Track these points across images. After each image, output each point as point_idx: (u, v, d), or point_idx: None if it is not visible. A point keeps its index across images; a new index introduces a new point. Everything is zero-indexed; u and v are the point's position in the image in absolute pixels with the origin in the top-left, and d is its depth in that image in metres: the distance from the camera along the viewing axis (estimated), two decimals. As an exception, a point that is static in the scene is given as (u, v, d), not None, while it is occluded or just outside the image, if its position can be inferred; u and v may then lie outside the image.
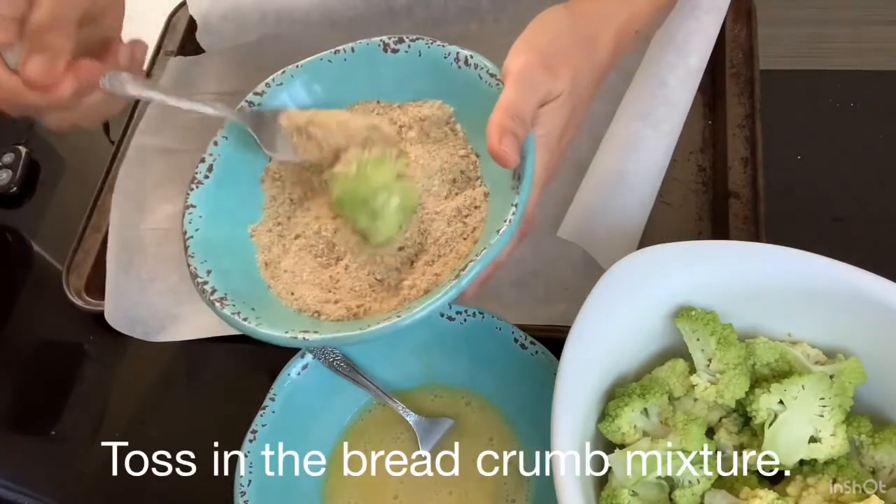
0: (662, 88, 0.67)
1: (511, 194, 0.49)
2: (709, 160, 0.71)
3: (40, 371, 0.72)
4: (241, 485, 0.54)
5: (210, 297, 0.50)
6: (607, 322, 0.49)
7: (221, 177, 0.55)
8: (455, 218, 0.52)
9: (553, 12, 0.52)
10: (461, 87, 0.55)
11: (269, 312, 0.50)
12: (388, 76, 0.57)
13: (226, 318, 0.49)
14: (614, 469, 0.48)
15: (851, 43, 0.96)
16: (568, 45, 0.51)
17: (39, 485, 0.66)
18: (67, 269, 0.71)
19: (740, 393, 0.49)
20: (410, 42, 0.56)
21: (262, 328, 0.48)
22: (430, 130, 0.56)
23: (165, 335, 0.67)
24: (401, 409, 0.59)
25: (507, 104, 0.47)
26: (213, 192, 0.55)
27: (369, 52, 0.57)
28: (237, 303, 0.49)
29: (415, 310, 0.45)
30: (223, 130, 0.56)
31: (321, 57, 0.58)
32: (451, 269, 0.49)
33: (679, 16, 0.70)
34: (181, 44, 0.85)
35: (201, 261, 0.52)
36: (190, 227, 0.53)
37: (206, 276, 0.51)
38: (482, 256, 0.46)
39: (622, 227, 0.64)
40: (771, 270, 0.50)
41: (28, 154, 0.82)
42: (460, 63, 0.54)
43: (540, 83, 0.49)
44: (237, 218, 0.56)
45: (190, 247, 0.52)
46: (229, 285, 0.51)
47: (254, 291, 0.52)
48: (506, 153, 0.46)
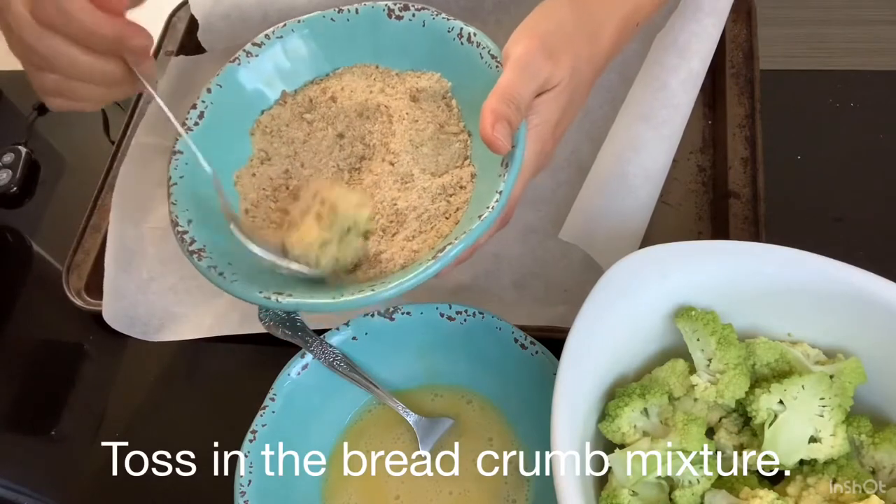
0: (664, 91, 0.67)
1: (494, 179, 0.48)
2: (709, 160, 0.71)
3: (40, 371, 0.72)
4: (241, 485, 0.54)
5: (189, 247, 0.49)
6: (607, 322, 0.49)
7: (211, 124, 0.55)
8: (440, 195, 0.52)
9: (556, 1, 0.52)
10: (460, 64, 0.54)
11: (245, 266, 0.49)
12: (388, 42, 0.57)
13: (202, 271, 0.48)
14: (614, 469, 0.48)
15: (851, 43, 0.96)
16: (570, 34, 0.50)
17: (39, 485, 0.66)
18: (67, 269, 0.71)
19: (740, 393, 0.49)
20: (415, 11, 0.56)
21: (236, 285, 0.47)
22: (424, 102, 0.56)
23: (164, 335, 0.67)
24: (401, 409, 0.59)
25: (503, 89, 0.47)
26: (202, 140, 0.54)
27: (373, 16, 0.57)
28: (215, 255, 0.49)
29: (389, 285, 0.45)
30: (217, 78, 0.56)
31: (323, 14, 0.57)
32: (429, 248, 0.49)
33: (681, 18, 0.70)
34: (181, 43, 0.85)
35: (183, 209, 0.51)
36: (175, 174, 0.53)
37: (186, 226, 0.50)
38: (461, 241, 0.46)
39: (623, 230, 0.64)
40: (771, 270, 0.50)
41: (28, 154, 0.83)
42: (463, 39, 0.54)
43: (539, 70, 0.48)
44: (223, 167, 0.55)
45: (173, 194, 0.52)
46: (209, 236, 0.50)
47: (231, 243, 0.51)
48: (497, 139, 0.45)
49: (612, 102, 0.71)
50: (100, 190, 0.76)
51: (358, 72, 0.58)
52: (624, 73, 0.72)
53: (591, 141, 0.69)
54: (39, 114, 0.87)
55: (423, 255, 0.49)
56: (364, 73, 0.58)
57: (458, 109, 0.55)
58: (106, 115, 0.85)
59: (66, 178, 0.83)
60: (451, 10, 0.79)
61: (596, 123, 0.70)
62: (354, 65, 0.58)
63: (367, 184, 0.54)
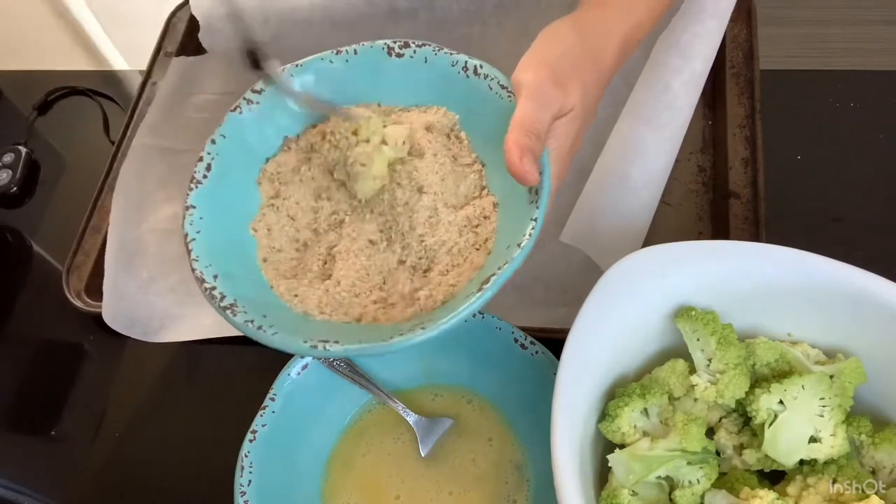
0: (666, 93, 0.67)
1: (523, 206, 0.48)
2: (709, 160, 0.71)
3: (40, 371, 0.72)
4: (241, 485, 0.54)
5: (220, 303, 0.48)
6: (607, 322, 0.49)
7: (220, 176, 0.54)
8: (466, 228, 0.52)
9: (560, 26, 0.52)
10: (468, 96, 0.54)
11: (279, 317, 0.48)
12: (390, 80, 0.56)
13: (239, 327, 0.47)
14: (614, 469, 0.48)
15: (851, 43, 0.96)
16: (577, 59, 0.51)
17: (39, 485, 0.66)
18: (67, 271, 0.71)
19: (740, 393, 0.49)
20: (416, 48, 0.55)
21: (278, 337, 0.46)
22: (435, 138, 0.55)
23: (164, 335, 0.67)
24: (401, 409, 0.59)
25: (522, 120, 0.47)
26: (213, 192, 0.53)
27: (373, 55, 0.56)
28: (249, 309, 0.48)
29: (439, 321, 0.44)
30: (221, 128, 0.55)
31: (322, 56, 0.57)
32: (466, 280, 0.49)
33: (683, 20, 0.70)
34: (181, 44, 0.85)
35: (206, 264, 0.50)
36: (191, 230, 0.51)
37: (213, 282, 0.49)
38: (504, 270, 0.45)
39: (625, 231, 0.64)
40: (771, 270, 0.50)
41: (28, 154, 0.83)
42: (468, 72, 0.54)
43: (553, 99, 0.49)
44: (237, 217, 0.54)
45: (193, 250, 0.50)
46: (236, 290, 0.49)
47: (260, 294, 0.51)
48: (528, 171, 0.46)
49: (613, 104, 0.71)
50: (100, 191, 0.76)
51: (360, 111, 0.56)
52: (626, 75, 0.72)
53: (593, 143, 0.69)
54: (39, 114, 0.87)
55: (462, 289, 0.48)
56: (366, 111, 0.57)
57: (468, 141, 0.55)
58: (106, 115, 0.85)
59: (66, 178, 0.83)
60: (453, 12, 0.79)
61: (597, 125, 0.70)
62: (356, 104, 0.57)
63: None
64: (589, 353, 0.48)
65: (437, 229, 0.52)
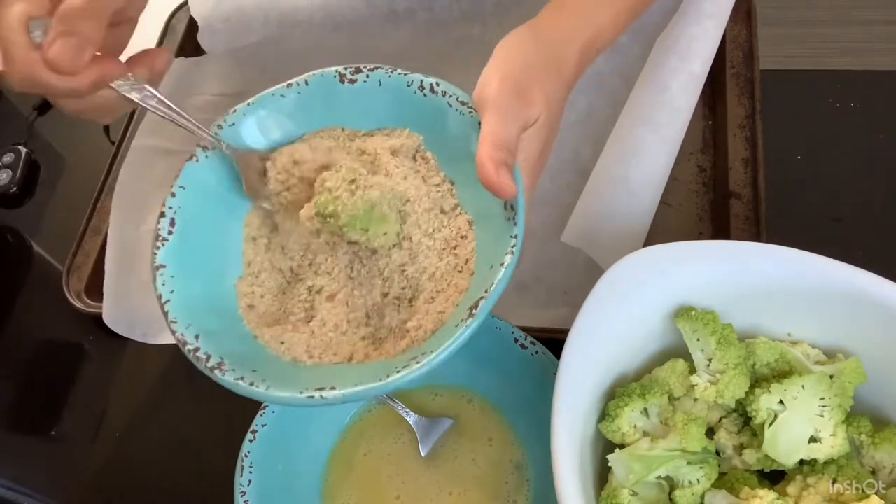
0: (666, 94, 0.67)
1: (500, 222, 0.47)
2: (709, 160, 0.71)
3: (40, 371, 0.72)
4: (241, 485, 0.54)
5: (207, 364, 0.46)
6: (607, 322, 0.49)
7: (186, 230, 0.51)
8: (445, 251, 0.51)
9: (518, 36, 0.52)
10: (427, 115, 0.53)
11: (269, 369, 0.47)
12: (347, 106, 0.55)
13: (230, 386, 0.45)
14: (614, 469, 0.48)
15: (851, 43, 0.96)
16: (538, 69, 0.50)
17: (39, 485, 0.66)
18: (67, 272, 0.71)
19: (740, 393, 0.49)
20: (369, 72, 0.54)
21: (272, 391, 0.44)
22: (401, 161, 0.54)
23: (165, 338, 0.67)
24: (401, 409, 0.59)
25: (492, 135, 0.46)
26: (180, 249, 0.51)
27: (324, 84, 0.55)
28: (237, 366, 0.46)
29: (434, 354, 0.43)
30: (179, 180, 0.52)
31: (272, 92, 0.55)
32: (453, 305, 0.48)
33: (683, 20, 0.70)
34: (180, 45, 0.85)
35: (186, 325, 0.47)
36: (164, 290, 0.49)
37: (195, 342, 0.47)
38: (492, 293, 0.44)
39: (626, 232, 0.64)
40: (771, 270, 0.50)
41: (28, 154, 0.83)
42: (425, 91, 0.52)
43: (518, 111, 0.48)
44: (211, 270, 0.52)
45: (170, 312, 0.48)
46: (221, 346, 0.47)
47: (245, 347, 0.49)
48: (505, 184, 0.45)
49: (613, 105, 0.71)
50: (99, 192, 0.76)
51: (324, 135, 0.56)
52: (625, 76, 0.72)
53: (592, 144, 0.69)
54: (39, 114, 0.87)
55: (450, 314, 0.47)
56: (331, 136, 0.56)
57: (435, 160, 0.54)
58: (106, 116, 0.85)
59: (66, 179, 0.83)
60: (452, 13, 0.79)
61: (597, 126, 0.70)
62: (319, 129, 0.56)
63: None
64: (589, 353, 0.48)
65: (417, 256, 0.51)
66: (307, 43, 0.81)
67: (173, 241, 0.51)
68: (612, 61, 0.73)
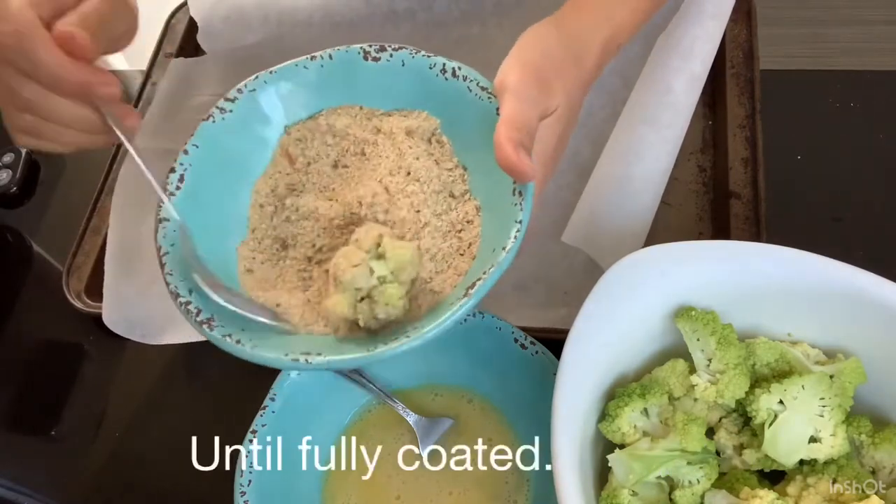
0: (668, 94, 0.67)
1: (507, 208, 0.47)
2: (709, 161, 0.71)
3: (40, 371, 0.72)
4: (241, 484, 0.54)
5: (196, 318, 0.46)
6: (607, 322, 0.49)
7: (194, 188, 0.52)
8: (450, 233, 0.51)
9: (541, 28, 0.52)
10: (447, 99, 0.53)
11: (258, 332, 0.47)
12: (368, 84, 0.55)
13: (217, 342, 0.46)
14: (614, 469, 0.48)
15: (851, 43, 0.96)
16: (559, 61, 0.51)
17: (39, 485, 0.66)
18: (67, 272, 0.71)
19: (740, 393, 0.49)
20: (393, 51, 0.54)
21: (258, 350, 0.45)
22: (416, 143, 0.54)
23: (165, 338, 0.67)
24: (401, 408, 0.59)
25: (511, 117, 0.46)
26: (185, 205, 0.51)
27: (348, 59, 0.55)
28: (226, 321, 0.46)
29: (424, 329, 0.43)
30: (193, 138, 0.53)
31: (296, 62, 0.55)
32: (450, 287, 0.48)
33: (684, 21, 0.70)
34: (180, 45, 0.85)
35: (181, 278, 0.48)
36: (165, 242, 0.49)
37: (188, 296, 0.47)
38: (490, 275, 0.44)
39: (626, 232, 0.64)
40: (771, 270, 0.50)
41: (28, 154, 0.83)
42: (447, 74, 0.53)
43: (538, 98, 0.48)
44: (214, 231, 0.52)
45: (167, 264, 0.48)
46: (212, 305, 0.47)
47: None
48: (524, 163, 0.45)
49: (613, 105, 0.71)
50: (99, 192, 0.76)
51: (342, 112, 0.56)
52: (626, 76, 0.72)
53: (593, 144, 0.69)
54: (39, 114, 0.87)
55: (447, 295, 0.47)
56: (349, 113, 0.56)
57: (450, 145, 0.54)
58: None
59: (66, 179, 0.83)
60: (452, 13, 0.79)
61: (597, 126, 0.70)
62: (339, 105, 0.56)
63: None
64: (589, 353, 0.48)
65: (421, 235, 0.51)
66: (307, 42, 0.81)
67: (180, 196, 0.51)
68: (612, 61, 0.73)
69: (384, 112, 0.56)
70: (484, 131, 0.49)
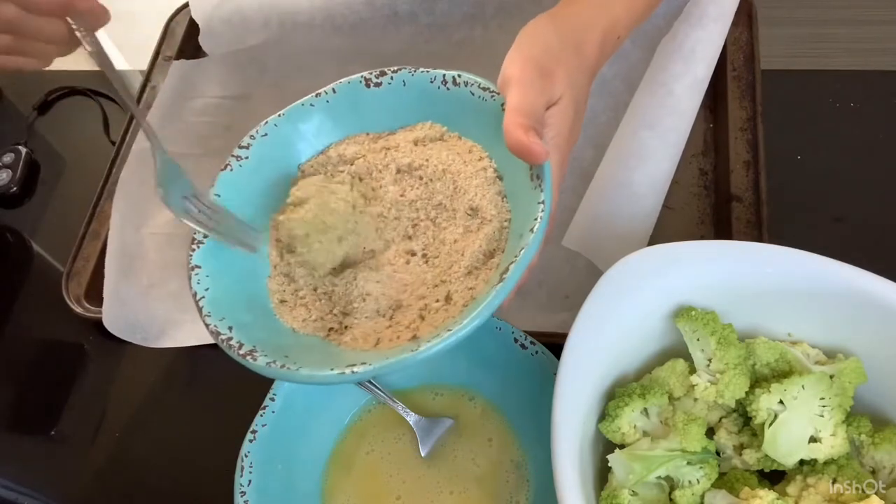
0: (670, 98, 0.67)
1: (528, 194, 0.48)
2: (710, 163, 0.71)
3: (40, 372, 0.72)
4: (241, 485, 0.54)
5: (239, 352, 0.48)
6: (607, 322, 0.49)
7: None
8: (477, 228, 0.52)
9: (539, 22, 0.53)
10: (452, 107, 0.54)
11: (301, 355, 0.48)
12: (374, 110, 0.57)
13: (263, 371, 0.47)
14: (614, 469, 0.48)
15: (851, 43, 0.96)
16: (558, 50, 0.52)
17: (39, 485, 0.66)
18: (67, 276, 0.71)
19: (740, 393, 0.49)
20: (393, 74, 0.56)
21: (304, 371, 0.46)
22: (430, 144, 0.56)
23: (165, 341, 0.67)
24: (401, 409, 0.59)
25: (518, 105, 0.47)
26: (215, 250, 0.53)
27: (351, 91, 0.57)
28: (268, 350, 0.48)
29: (464, 321, 0.44)
30: (214, 188, 0.55)
31: (302, 103, 0.57)
32: (483, 281, 0.49)
33: (686, 24, 0.70)
34: (180, 47, 0.85)
35: (219, 318, 0.49)
36: (199, 288, 0.51)
37: (228, 332, 0.49)
38: (522, 257, 0.45)
39: (628, 237, 0.64)
40: (771, 270, 0.50)
41: (28, 154, 0.83)
42: (448, 84, 0.54)
43: (541, 88, 0.49)
44: (242, 270, 0.53)
45: (204, 307, 0.50)
46: (253, 336, 0.49)
47: (278, 337, 0.51)
48: (535, 144, 0.46)
49: (615, 108, 0.71)
50: (99, 196, 0.75)
51: (350, 142, 0.57)
52: (628, 80, 0.72)
53: (595, 147, 0.69)
54: (39, 114, 0.87)
55: (479, 290, 0.48)
56: (356, 142, 0.57)
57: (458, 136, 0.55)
58: (106, 115, 0.85)
59: (66, 179, 0.83)
60: (454, 16, 0.79)
61: (599, 129, 0.70)
62: (343, 138, 0.58)
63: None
64: (589, 353, 0.48)
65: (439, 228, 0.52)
66: (308, 45, 0.81)
67: (208, 243, 0.53)
68: (614, 65, 0.73)
69: (389, 132, 0.57)
70: (491, 128, 0.49)
